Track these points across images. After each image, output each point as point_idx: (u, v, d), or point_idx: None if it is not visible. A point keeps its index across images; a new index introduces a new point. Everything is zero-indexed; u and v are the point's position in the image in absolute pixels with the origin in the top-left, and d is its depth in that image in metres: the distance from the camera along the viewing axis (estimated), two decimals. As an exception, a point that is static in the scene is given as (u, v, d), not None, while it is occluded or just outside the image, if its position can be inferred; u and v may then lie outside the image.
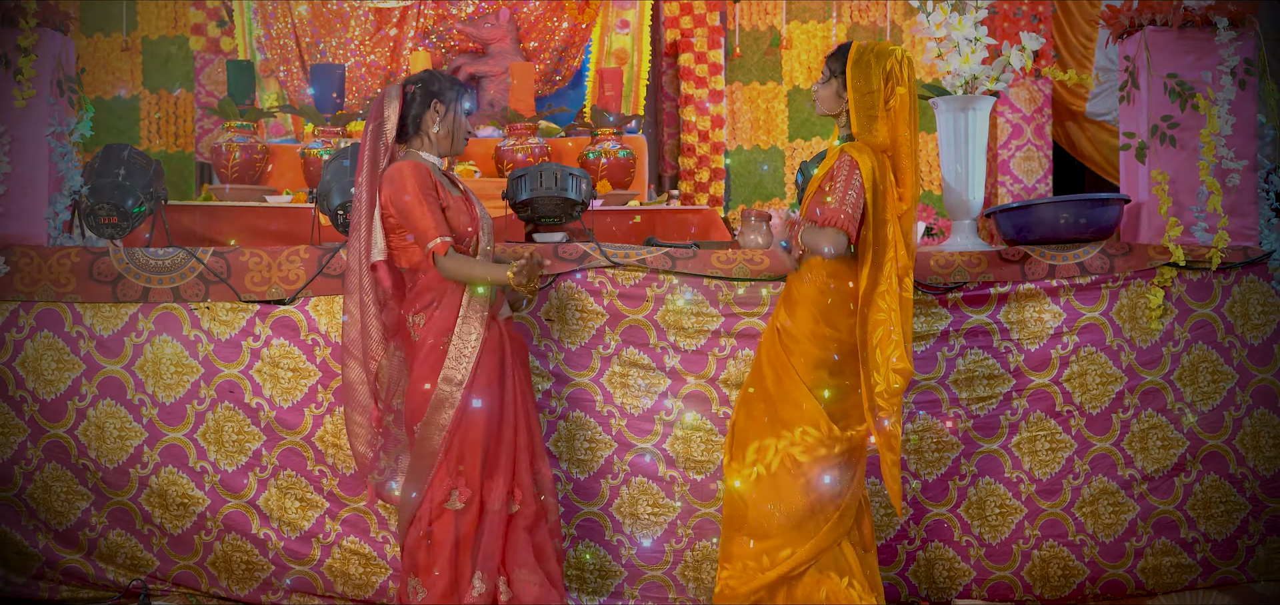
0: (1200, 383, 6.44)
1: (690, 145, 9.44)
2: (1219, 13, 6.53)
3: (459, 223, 5.43)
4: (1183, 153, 6.57)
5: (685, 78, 9.55)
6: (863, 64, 5.50)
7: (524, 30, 8.59)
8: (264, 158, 7.62)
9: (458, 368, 5.33)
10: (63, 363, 6.27)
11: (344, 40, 8.50)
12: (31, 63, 6.35)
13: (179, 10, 9.52)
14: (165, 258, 6.31)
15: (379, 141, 5.45)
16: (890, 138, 5.50)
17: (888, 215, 5.44)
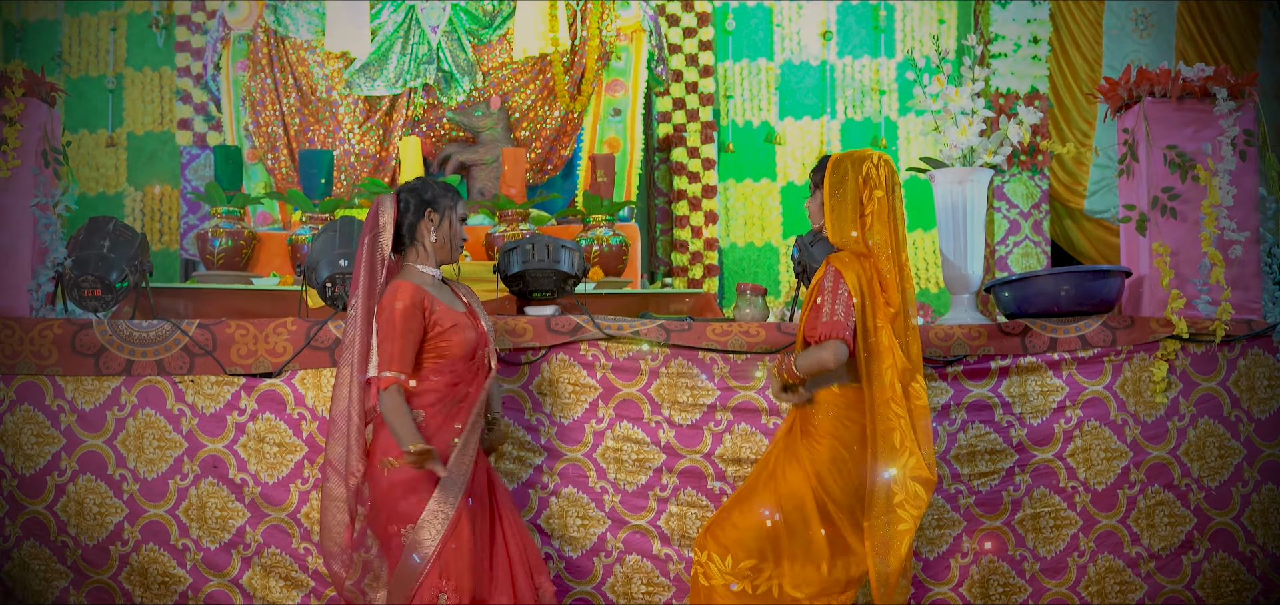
0: (1207, 458, 6.48)
1: (683, 241, 9.52)
2: (1218, 84, 6.65)
3: (464, 340, 5.50)
4: (1184, 225, 6.66)
5: (677, 172, 9.65)
6: (840, 171, 5.65)
7: (515, 119, 8.68)
8: (250, 244, 7.66)
9: (459, 470, 5.35)
10: (43, 437, 6.27)
11: (333, 128, 8.58)
12: (17, 132, 6.44)
13: (165, 107, 9.64)
14: (150, 330, 6.33)
15: (376, 252, 5.52)
16: (865, 242, 5.60)
17: (880, 322, 5.54)
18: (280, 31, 8.67)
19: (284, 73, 8.67)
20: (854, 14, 9.96)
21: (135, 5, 9.74)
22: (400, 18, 8.75)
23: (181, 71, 9.55)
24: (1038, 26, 9.59)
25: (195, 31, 9.49)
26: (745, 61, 10.02)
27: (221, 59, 8.85)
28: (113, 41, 9.73)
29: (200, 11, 9.49)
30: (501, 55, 8.80)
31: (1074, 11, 9.90)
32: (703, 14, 9.75)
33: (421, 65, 8.68)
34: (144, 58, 9.75)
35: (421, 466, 5.27)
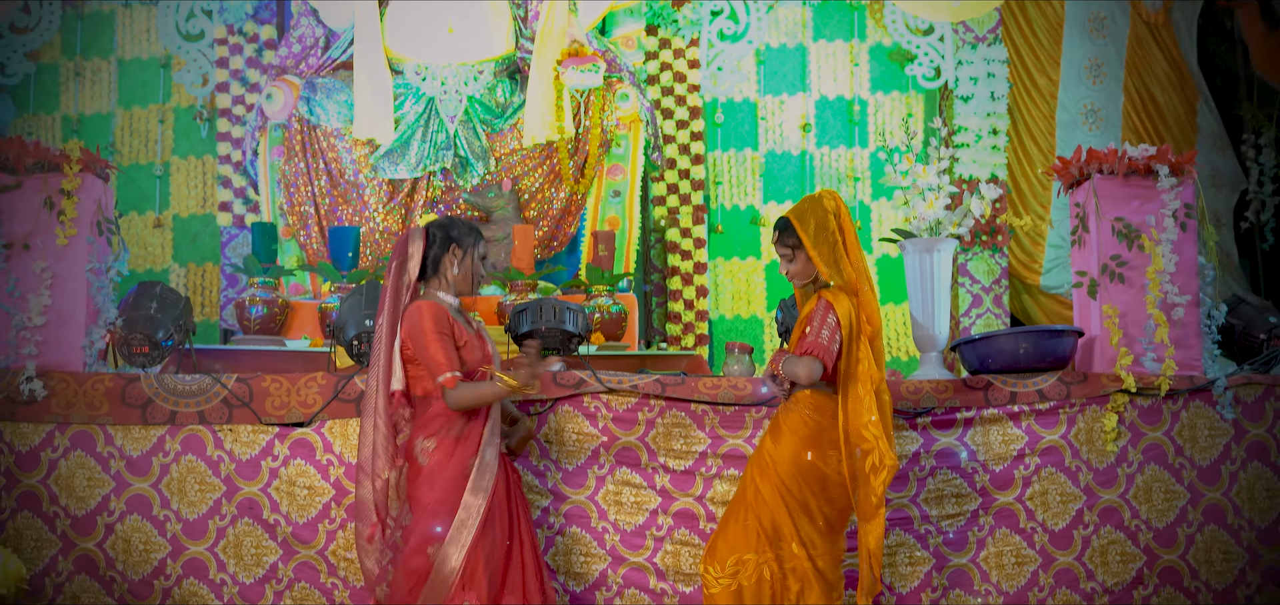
0: (1154, 501, 6.49)
1: (676, 313, 9.55)
2: (1160, 162, 6.70)
3: (473, 358, 5.50)
4: (1131, 289, 6.69)
5: (672, 250, 9.68)
6: (815, 221, 5.67)
7: (525, 200, 8.73)
8: (284, 312, 7.70)
9: (479, 491, 5.33)
10: (94, 480, 6.29)
11: (359, 208, 8.62)
12: (74, 204, 6.48)
13: (207, 191, 9.70)
14: (192, 383, 6.36)
15: (402, 278, 5.52)
16: (851, 272, 5.64)
17: (861, 352, 5.60)
18: (312, 121, 8.72)
19: (315, 158, 8.71)
20: (831, 109, 10.03)
21: (181, 100, 9.80)
22: (421, 108, 8.80)
23: (222, 159, 9.57)
24: (997, 119, 9.64)
25: (235, 123, 9.53)
26: (733, 151, 10.05)
27: (259, 146, 8.93)
28: (160, 132, 9.78)
29: (240, 105, 9.54)
30: (512, 142, 8.84)
31: (1030, 106, 9.99)
32: (694, 108, 9.80)
33: (440, 151, 8.72)
34: (189, 147, 9.78)
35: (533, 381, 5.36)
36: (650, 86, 9.68)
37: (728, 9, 9.96)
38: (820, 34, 10.09)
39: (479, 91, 8.93)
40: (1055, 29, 10.08)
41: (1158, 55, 10.15)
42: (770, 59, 10.10)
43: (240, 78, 9.58)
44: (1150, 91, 10.08)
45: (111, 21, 9.85)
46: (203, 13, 9.66)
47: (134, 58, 9.86)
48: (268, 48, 9.57)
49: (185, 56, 9.68)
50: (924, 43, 9.78)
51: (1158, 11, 10.11)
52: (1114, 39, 10.09)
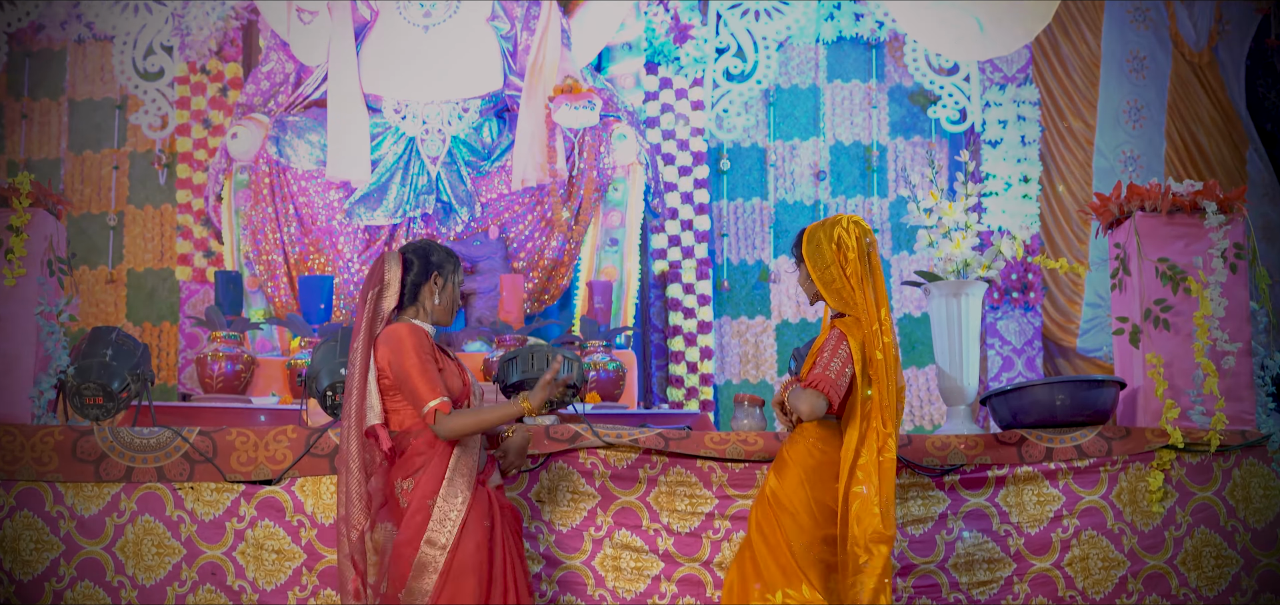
0: (1204, 567, 6.51)
1: (678, 376, 9.66)
2: (1207, 198, 6.78)
3: (453, 386, 5.50)
4: (1177, 337, 6.75)
5: (673, 308, 9.80)
6: (815, 241, 5.78)
7: (513, 250, 8.86)
8: (249, 368, 7.75)
9: (441, 531, 5.34)
10: (42, 543, 6.29)
11: (332, 257, 8.74)
12: (23, 242, 6.55)
13: (165, 244, 9.80)
14: (150, 437, 6.38)
15: (378, 307, 5.52)
16: (856, 303, 5.72)
17: (871, 390, 5.63)
18: (282, 162, 8.88)
19: (285, 202, 8.85)
20: (846, 155, 10.20)
21: (138, 144, 9.95)
22: (400, 149, 8.98)
23: (182, 208, 9.72)
24: (1028, 166, 9.84)
25: (196, 168, 9.70)
26: (740, 200, 10.23)
27: (223, 190, 9.04)
28: (114, 179, 9.93)
29: (202, 150, 9.71)
30: (500, 186, 9.01)
31: (1063, 152, 10.16)
32: (698, 153, 9.95)
33: (421, 196, 8.88)
34: (145, 195, 9.93)
35: (547, 402, 5.44)
36: (651, 130, 9.84)
37: (734, 46, 10.16)
38: (835, 74, 10.30)
39: (463, 131, 9.12)
40: (1091, 69, 10.30)
41: (1203, 97, 10.35)
42: (781, 101, 10.31)
43: (202, 120, 9.78)
44: (1195, 136, 10.27)
45: (62, 59, 10.07)
46: (162, 49, 9.83)
47: (86, 98, 10.06)
48: (232, 87, 9.77)
49: (143, 96, 9.83)
50: (948, 83, 9.98)
51: (1202, 51, 10.33)
52: (1155, 80, 10.32)
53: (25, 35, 9.90)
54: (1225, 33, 10.44)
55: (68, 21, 9.90)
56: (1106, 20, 10.35)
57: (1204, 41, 10.32)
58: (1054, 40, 10.24)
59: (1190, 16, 10.37)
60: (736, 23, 10.13)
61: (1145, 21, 10.39)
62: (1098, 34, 10.34)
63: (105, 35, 9.89)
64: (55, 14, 9.88)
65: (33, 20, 9.82)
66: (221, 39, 9.76)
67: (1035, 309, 9.74)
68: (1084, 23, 10.32)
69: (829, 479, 5.64)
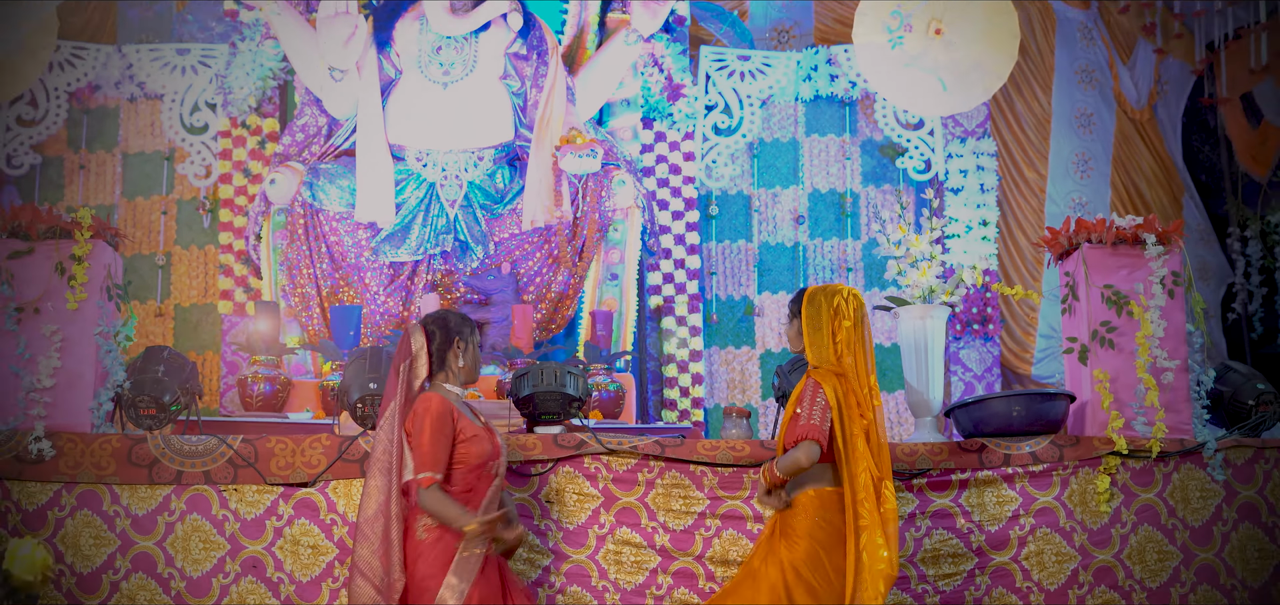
0: (1148, 561, 6.62)
1: (672, 400, 9.72)
2: (1147, 231, 6.91)
3: (481, 451, 5.57)
4: (1121, 355, 6.85)
5: (667, 338, 9.84)
6: (815, 303, 5.94)
7: (523, 284, 8.95)
8: (286, 389, 7.84)
9: (462, 576, 5.40)
10: (100, 539, 6.39)
11: (360, 290, 8.83)
12: (85, 269, 6.63)
13: (209, 281, 9.87)
14: (198, 444, 6.48)
15: (413, 373, 5.64)
16: (840, 365, 5.84)
17: (855, 430, 5.74)
18: (315, 205, 8.97)
19: (318, 241, 8.94)
20: (823, 202, 10.25)
21: (184, 191, 10.00)
22: (422, 193, 9.06)
23: (224, 249, 9.76)
24: (987, 210, 9.91)
25: (237, 213, 9.74)
26: (727, 242, 10.26)
27: (263, 230, 9.13)
28: (163, 223, 9.97)
29: (242, 196, 9.75)
30: (511, 227, 9.10)
31: (1019, 199, 10.25)
32: (690, 199, 10.02)
33: (440, 235, 8.97)
34: (191, 237, 9.96)
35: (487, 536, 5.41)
36: (647, 178, 9.90)
37: (722, 104, 10.21)
38: (812, 129, 10.33)
39: (479, 177, 9.21)
40: (1043, 124, 10.37)
41: (1144, 151, 10.46)
42: (764, 153, 10.33)
43: (243, 169, 9.81)
44: (1137, 186, 10.37)
45: (116, 115, 10.07)
46: (207, 106, 9.91)
47: (138, 151, 10.07)
48: (270, 140, 9.80)
49: (189, 149, 9.92)
50: (914, 137, 10.06)
51: (1143, 109, 10.43)
52: (1100, 135, 10.41)
53: (83, 94, 9.96)
54: (1164, 92, 10.53)
55: (121, 81, 9.95)
56: (1056, 80, 10.42)
57: (1145, 100, 10.43)
58: (1010, 98, 10.31)
59: (1132, 78, 10.46)
60: (724, 83, 10.21)
61: (1091, 82, 10.47)
62: (1048, 93, 10.41)
63: (155, 94, 9.98)
64: (110, 75, 9.94)
65: (90, 81, 9.93)
66: (260, 97, 9.80)
67: (994, 339, 9.83)
68: (1036, 82, 10.39)
69: (839, 544, 5.72)
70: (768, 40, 10.62)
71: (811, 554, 5.71)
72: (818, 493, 5.78)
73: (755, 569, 5.87)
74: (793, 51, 10.41)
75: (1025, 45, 10.14)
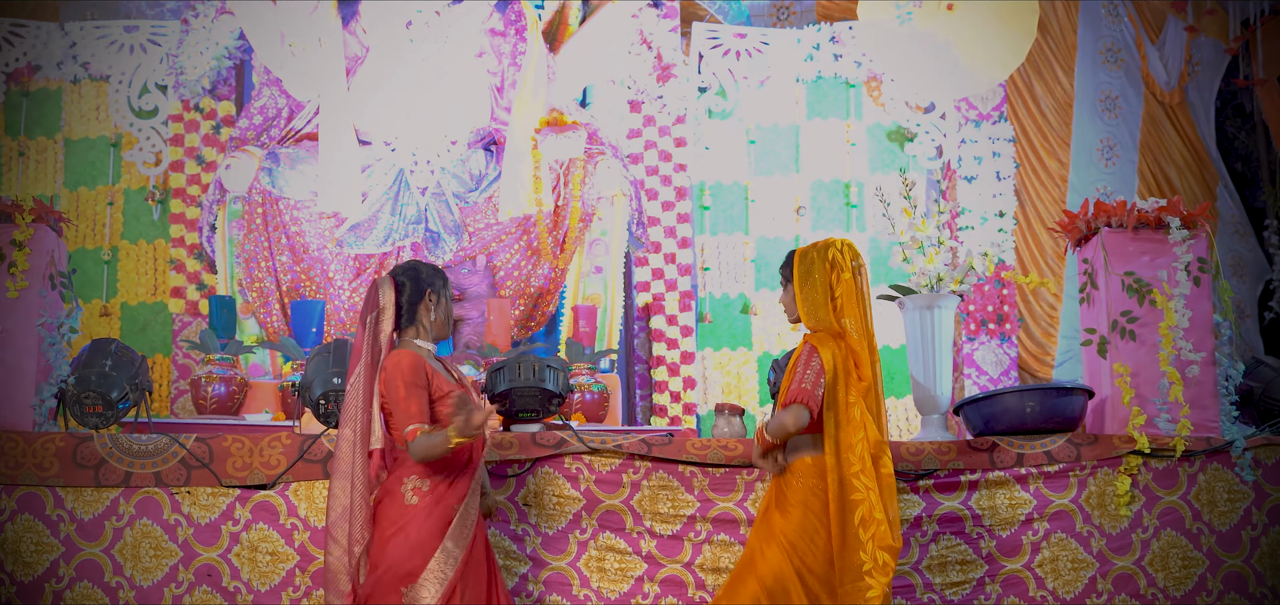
0: (1171, 568, 6.78)
1: (662, 406, 9.85)
2: (1171, 214, 7.07)
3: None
4: (1143, 347, 7.03)
5: (657, 339, 9.96)
6: (806, 261, 6.11)
7: (500, 278, 9.08)
8: (243, 390, 7.98)
9: (461, 536, 5.60)
10: (42, 545, 6.52)
11: (323, 284, 8.98)
12: (26, 256, 6.80)
13: (159, 277, 9.99)
14: (148, 443, 6.63)
15: (379, 330, 5.79)
16: (839, 324, 6.00)
17: (852, 397, 5.90)
18: (274, 193, 9.14)
19: (277, 231, 9.11)
20: (826, 191, 10.38)
21: (132, 181, 10.11)
22: (390, 181, 9.25)
23: (176, 242, 9.89)
24: (1003, 201, 10.05)
25: (190, 204, 9.87)
26: (722, 235, 10.37)
27: (217, 219, 9.28)
28: (109, 215, 10.08)
29: (195, 185, 9.89)
30: (487, 216, 9.28)
31: (1038, 189, 10.40)
32: (681, 189, 10.14)
33: (410, 225, 9.15)
34: (139, 231, 10.08)
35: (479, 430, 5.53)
36: (634, 166, 10.04)
37: (716, 86, 10.36)
38: (814, 112, 10.45)
39: (451, 163, 9.38)
40: (1064, 108, 10.55)
41: (1174, 137, 10.61)
42: (762, 139, 10.45)
43: (196, 156, 9.96)
44: (1166, 174, 10.53)
45: (58, 98, 10.21)
46: (157, 88, 10.06)
47: (82, 137, 10.21)
48: (226, 124, 9.96)
49: (137, 134, 10.06)
50: (925, 121, 10.21)
51: (1173, 92, 10.59)
52: (1127, 120, 10.59)
53: (22, 75, 10.09)
54: (1195, 74, 10.69)
55: (64, 61, 10.08)
56: (1079, 61, 10.60)
57: (1175, 82, 10.59)
58: (1028, 80, 10.47)
59: (1161, 58, 10.62)
60: (718, 62, 10.33)
61: (1117, 62, 10.65)
62: (1071, 74, 10.59)
63: (101, 75, 10.11)
64: (51, 54, 10.07)
65: (30, 61, 10.07)
66: (215, 78, 9.95)
67: (1011, 340, 9.96)
68: (1057, 63, 10.57)
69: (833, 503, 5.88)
70: (766, 16, 10.81)
71: (805, 523, 5.88)
72: (815, 460, 5.94)
73: (753, 554, 6.03)
74: (793, 29, 10.55)
75: (1045, 23, 10.35)
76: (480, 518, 5.78)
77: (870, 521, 5.76)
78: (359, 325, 5.83)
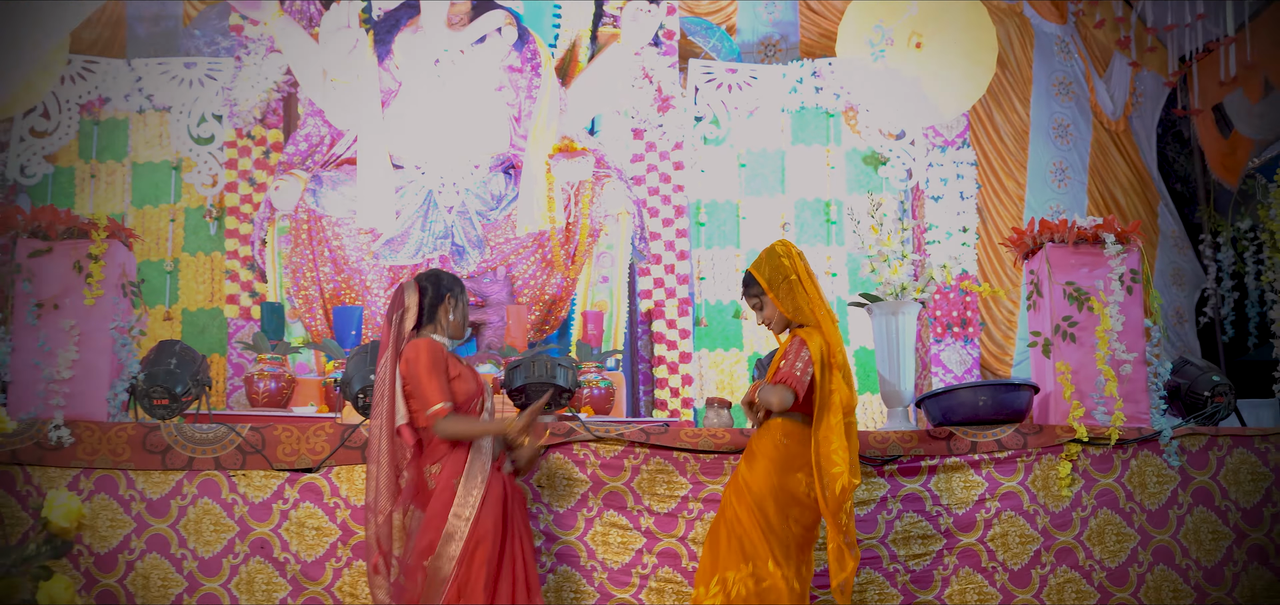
0: (1107, 543, 7.04)
1: (663, 400, 10.06)
2: (1107, 231, 7.33)
3: (469, 388, 6.11)
4: (1082, 348, 7.28)
5: (658, 341, 10.17)
6: (772, 262, 6.37)
7: (518, 287, 9.31)
8: (290, 386, 8.18)
9: (465, 506, 5.89)
10: (116, 522, 6.79)
11: (361, 292, 9.21)
12: (101, 267, 7.07)
13: (216, 286, 10.25)
14: (208, 432, 6.91)
15: (402, 325, 6.12)
16: (814, 312, 6.27)
17: (834, 383, 6.16)
18: (318, 211, 9.38)
19: (320, 245, 9.35)
20: (809, 209, 10.61)
21: (191, 200, 10.37)
22: (420, 200, 9.47)
23: (230, 255, 10.14)
24: (966, 217, 10.25)
25: (243, 220, 10.12)
26: (716, 248, 10.61)
27: (268, 235, 9.50)
28: (171, 230, 10.34)
29: (248, 204, 10.14)
30: (506, 232, 9.49)
31: (998, 207, 10.63)
32: (679, 207, 10.35)
33: (438, 240, 9.37)
34: (197, 244, 10.35)
35: (529, 430, 5.95)
36: (637, 186, 10.25)
37: (710, 115, 10.58)
38: (798, 139, 10.67)
39: (475, 184, 9.61)
40: (1021, 135, 10.78)
41: (1120, 161, 10.85)
42: (751, 162, 10.68)
43: (248, 178, 10.20)
44: (1113, 194, 10.77)
45: (125, 127, 10.45)
46: (213, 118, 10.31)
47: (147, 161, 10.44)
48: (274, 150, 10.20)
49: (196, 159, 10.31)
50: (896, 146, 10.43)
51: (1119, 120, 10.84)
52: (1077, 145, 10.83)
53: (93, 106, 10.35)
54: (1139, 104, 10.93)
55: (130, 94, 10.34)
56: (1034, 92, 10.85)
57: (1120, 112, 10.83)
58: (989, 109, 10.72)
59: (1108, 90, 10.86)
60: (712, 94, 10.57)
61: (1068, 93, 10.89)
62: (1027, 104, 10.84)
63: (163, 106, 10.36)
64: (119, 87, 10.34)
65: (100, 93, 10.34)
66: (265, 109, 10.20)
67: (974, 342, 10.19)
68: (1015, 94, 10.82)
69: (793, 469, 6.17)
70: (755, 54, 11.04)
71: (766, 473, 6.16)
72: (784, 421, 6.23)
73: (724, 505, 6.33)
74: (779, 64, 10.79)
75: (1004, 58, 10.58)
76: (493, 479, 6.00)
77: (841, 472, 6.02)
78: (385, 322, 6.14)
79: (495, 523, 5.98)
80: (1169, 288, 10.72)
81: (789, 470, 6.17)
